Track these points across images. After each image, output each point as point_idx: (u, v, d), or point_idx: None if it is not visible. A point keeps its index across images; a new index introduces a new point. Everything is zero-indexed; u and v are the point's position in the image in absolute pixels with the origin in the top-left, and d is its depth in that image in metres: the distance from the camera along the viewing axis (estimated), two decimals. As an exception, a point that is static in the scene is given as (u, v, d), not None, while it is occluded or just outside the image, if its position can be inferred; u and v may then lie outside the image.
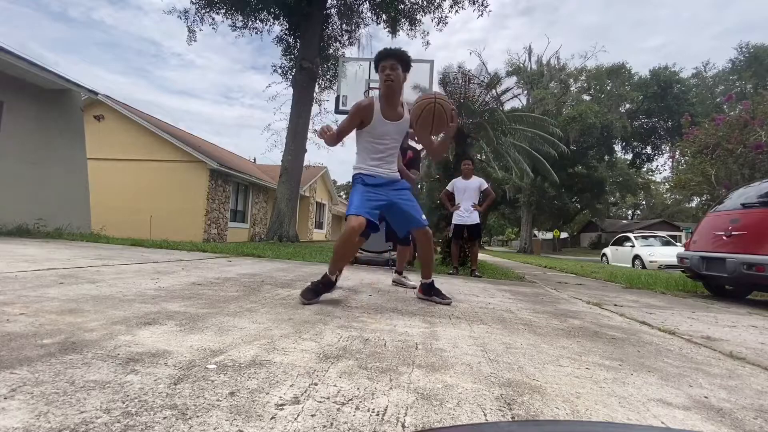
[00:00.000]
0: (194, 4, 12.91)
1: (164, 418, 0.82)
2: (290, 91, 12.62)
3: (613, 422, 0.98)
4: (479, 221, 5.55)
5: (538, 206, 29.86)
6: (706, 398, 1.24)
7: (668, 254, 10.98)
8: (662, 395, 1.23)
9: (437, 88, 9.18)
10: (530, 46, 46.14)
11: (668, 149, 29.51)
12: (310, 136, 12.77)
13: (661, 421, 1.03)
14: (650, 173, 40.36)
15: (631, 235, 13.97)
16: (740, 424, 1.05)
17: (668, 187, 34.02)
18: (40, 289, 2.16)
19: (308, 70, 11.79)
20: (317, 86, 13.47)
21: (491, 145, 10.34)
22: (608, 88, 31.84)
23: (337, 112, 7.70)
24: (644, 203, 52.88)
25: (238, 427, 0.81)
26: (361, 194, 2.48)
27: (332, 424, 0.86)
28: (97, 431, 0.75)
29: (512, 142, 11.11)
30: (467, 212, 5.47)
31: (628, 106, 32.12)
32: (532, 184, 26.56)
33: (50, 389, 0.92)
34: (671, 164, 14.57)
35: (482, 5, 13.34)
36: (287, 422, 0.85)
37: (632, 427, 0.89)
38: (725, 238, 4.13)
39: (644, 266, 11.65)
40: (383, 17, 13.72)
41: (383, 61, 2.40)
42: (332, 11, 14.06)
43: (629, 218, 53.94)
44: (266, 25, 14.01)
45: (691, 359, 1.72)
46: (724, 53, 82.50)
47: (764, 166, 8.68)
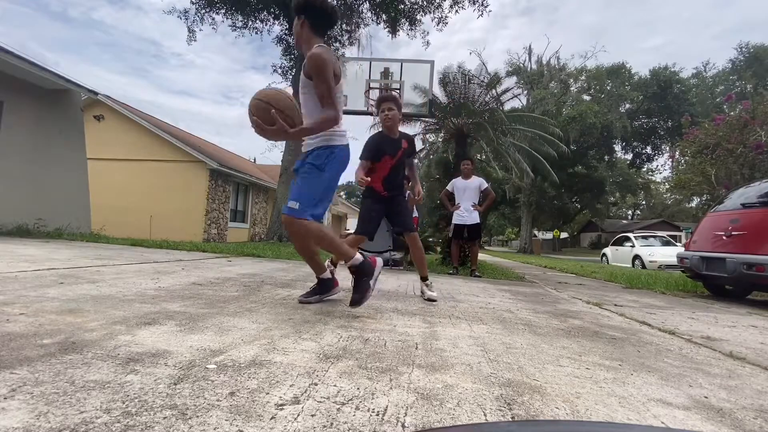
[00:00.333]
0: (194, 4, 12.89)
1: (164, 418, 0.82)
2: (290, 91, 12.58)
3: (613, 422, 0.98)
4: (479, 221, 5.55)
5: (538, 206, 29.85)
6: (706, 398, 1.24)
7: (668, 254, 10.99)
8: (662, 395, 1.23)
9: (437, 88, 9.17)
10: (530, 46, 46.16)
11: (668, 149, 29.52)
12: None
13: (661, 421, 1.03)
14: (650, 173, 40.38)
15: (631, 235, 13.97)
16: (740, 424, 1.05)
17: (668, 187, 34.01)
18: (40, 289, 2.16)
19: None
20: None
21: (491, 145, 10.33)
22: (608, 88, 31.84)
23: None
24: (644, 203, 52.86)
25: (238, 427, 0.81)
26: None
27: (332, 424, 0.86)
28: (97, 431, 0.75)
29: (512, 142, 11.10)
30: (467, 212, 5.48)
31: (628, 106, 32.12)
32: (532, 184, 26.56)
33: (50, 389, 0.92)
34: (671, 164, 14.55)
35: (482, 5, 13.33)
36: (287, 422, 0.85)
37: (632, 427, 0.89)
38: (725, 238, 4.13)
39: (644, 266, 11.65)
40: (383, 17, 13.70)
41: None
42: (332, 11, 14.03)
43: (629, 218, 53.92)
44: (266, 25, 13.99)
45: (691, 359, 1.72)
46: (724, 53, 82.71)
47: (764, 166, 8.68)
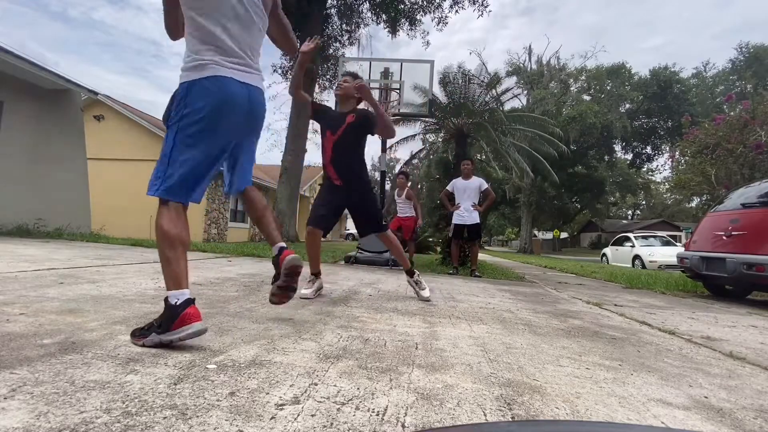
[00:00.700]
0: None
1: (164, 418, 0.82)
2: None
3: (613, 422, 0.98)
4: (479, 221, 5.55)
5: (538, 206, 29.83)
6: (706, 398, 1.24)
7: (668, 254, 10.98)
8: (662, 395, 1.23)
9: (437, 88, 9.18)
10: (530, 46, 46.07)
11: (668, 149, 29.50)
12: (310, 136, 12.76)
13: (661, 421, 1.03)
14: (650, 173, 40.33)
15: (631, 235, 13.96)
16: (740, 424, 1.05)
17: (668, 187, 34.01)
18: (40, 289, 2.16)
19: (308, 70, 11.78)
20: (317, 86, 13.46)
21: (491, 145, 10.34)
22: (608, 88, 31.82)
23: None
24: (644, 203, 52.82)
25: (238, 427, 0.81)
26: None
27: (332, 424, 0.86)
28: (97, 431, 0.75)
29: (512, 142, 11.10)
30: (467, 212, 5.47)
31: (628, 106, 32.10)
32: (532, 184, 26.53)
33: (50, 389, 0.92)
34: (671, 164, 14.54)
35: (482, 5, 13.34)
36: (287, 422, 0.85)
37: (632, 427, 0.89)
38: (725, 238, 4.13)
39: (644, 266, 11.64)
40: (383, 17, 13.71)
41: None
42: (332, 11, 14.05)
43: (629, 218, 53.90)
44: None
45: (691, 359, 1.72)
46: (724, 53, 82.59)
47: (764, 166, 8.68)
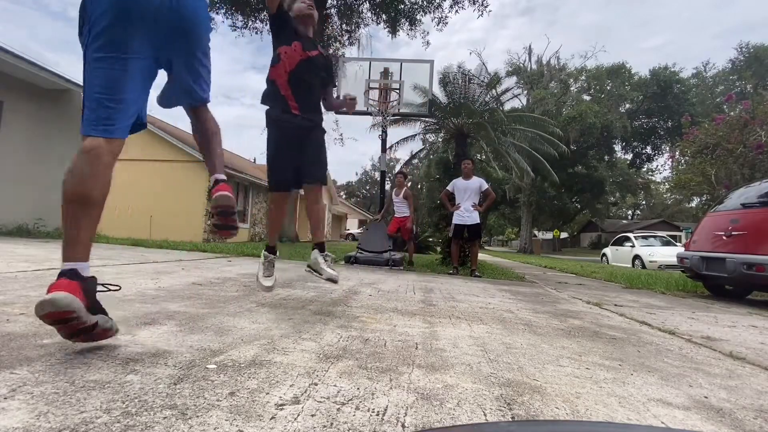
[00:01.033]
0: (194, 4, 12.89)
1: (164, 418, 0.82)
2: (290, 91, 12.59)
3: (613, 422, 0.98)
4: (479, 221, 5.56)
5: (538, 206, 29.84)
6: (706, 398, 1.24)
7: (668, 254, 10.98)
8: (662, 395, 1.23)
9: (437, 88, 9.17)
10: (530, 46, 46.00)
11: (668, 149, 29.49)
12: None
13: (661, 421, 1.03)
14: (650, 173, 40.34)
15: (631, 235, 13.96)
16: (740, 424, 1.05)
17: (668, 187, 33.99)
18: (40, 289, 2.16)
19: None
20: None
21: (491, 145, 10.34)
22: (608, 88, 31.83)
23: (337, 112, 7.68)
24: (644, 203, 52.84)
25: (238, 427, 0.81)
26: None
27: (332, 424, 0.86)
28: (97, 431, 0.75)
29: (512, 142, 11.10)
30: (467, 212, 5.48)
31: (628, 106, 32.12)
32: (532, 184, 26.54)
33: (50, 389, 0.92)
34: (671, 164, 14.54)
35: (482, 5, 13.33)
36: (287, 422, 0.85)
37: (632, 427, 0.89)
38: (725, 238, 4.13)
39: (644, 266, 11.65)
40: (383, 17, 13.71)
41: None
42: (332, 11, 14.05)
43: (629, 218, 53.91)
44: (266, 25, 14.00)
45: (691, 359, 1.72)
46: (724, 53, 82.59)
47: (764, 166, 8.68)
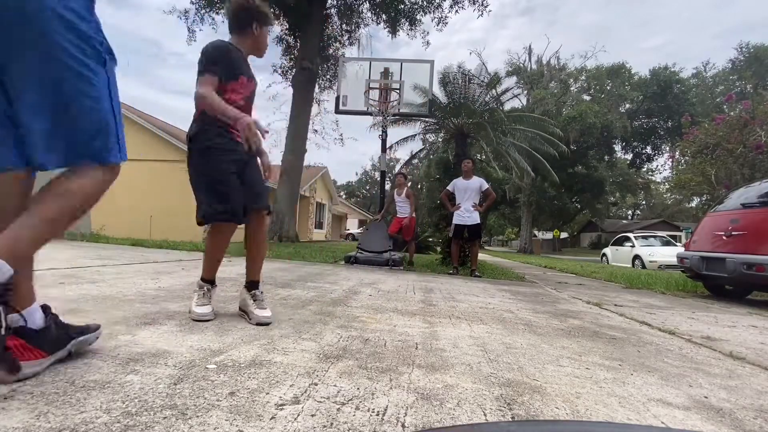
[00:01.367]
0: (194, 4, 12.90)
1: (164, 418, 0.82)
2: (290, 91, 12.61)
3: (613, 422, 0.98)
4: (479, 221, 5.55)
5: (538, 206, 29.82)
6: (706, 398, 1.24)
7: (668, 254, 10.97)
8: (662, 395, 1.23)
9: (437, 88, 9.17)
10: (530, 46, 45.86)
11: (668, 149, 29.50)
12: (310, 136, 12.75)
13: (661, 421, 1.03)
14: (650, 173, 40.32)
15: (631, 235, 13.95)
16: (740, 424, 1.05)
17: (668, 187, 34.01)
18: (40, 289, 2.14)
19: (308, 70, 11.78)
20: (317, 86, 13.44)
21: (491, 145, 10.33)
22: (608, 88, 31.80)
23: (337, 112, 7.68)
24: (644, 203, 52.81)
25: (238, 427, 0.81)
26: None
27: (332, 424, 0.86)
28: (97, 431, 0.75)
29: (512, 142, 11.09)
30: (467, 212, 5.47)
31: (628, 106, 32.09)
32: (532, 184, 26.53)
33: (50, 389, 0.92)
34: (671, 164, 14.54)
35: (482, 5, 13.32)
36: (287, 422, 0.85)
37: (632, 427, 0.89)
38: (725, 238, 4.13)
39: (644, 266, 11.64)
40: (383, 17, 13.70)
41: None
42: (332, 11, 14.04)
43: (629, 218, 53.89)
44: (266, 24, 14.00)
45: (691, 359, 1.72)
46: (724, 53, 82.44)
47: (764, 166, 8.68)
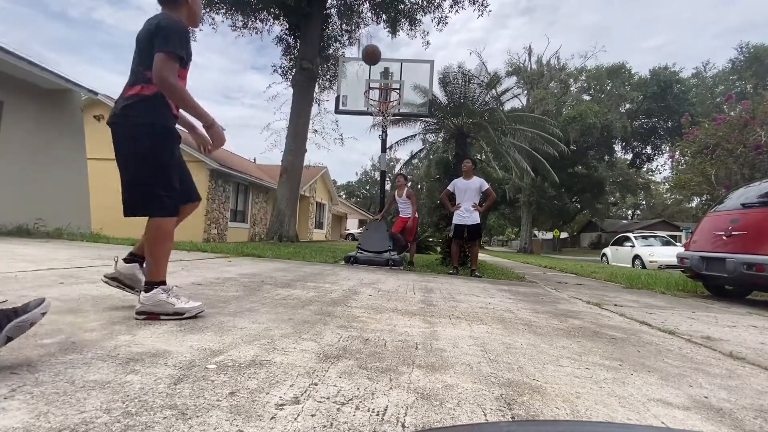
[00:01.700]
0: (194, 4, 12.90)
1: (164, 418, 0.82)
2: (290, 91, 12.61)
3: (613, 422, 0.98)
4: (479, 221, 5.56)
5: (538, 206, 29.82)
6: (706, 398, 1.24)
7: (668, 254, 10.97)
8: (662, 395, 1.23)
9: (437, 88, 9.18)
10: (530, 46, 45.89)
11: (668, 149, 29.49)
12: (310, 136, 12.76)
13: (661, 421, 1.03)
14: (650, 173, 40.33)
15: (631, 235, 13.95)
16: (740, 424, 1.05)
17: (668, 187, 34.01)
18: (40, 289, 2.16)
19: (308, 70, 11.78)
20: (317, 86, 13.44)
21: (491, 145, 10.35)
22: (608, 88, 31.81)
23: (337, 112, 7.68)
24: (644, 203, 52.82)
25: (238, 427, 0.81)
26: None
27: (332, 424, 0.86)
28: (97, 431, 0.75)
29: (512, 142, 11.11)
30: (467, 212, 5.47)
31: (628, 106, 32.10)
32: (532, 184, 26.54)
33: (50, 389, 0.92)
34: (671, 164, 14.54)
35: (482, 5, 13.32)
36: (287, 422, 0.85)
37: (632, 427, 0.89)
38: (725, 238, 4.13)
39: (644, 266, 11.64)
40: (383, 17, 13.71)
41: None
42: (332, 11, 14.05)
43: (629, 218, 53.91)
44: (266, 25, 13.99)
45: (691, 359, 1.72)
46: (724, 53, 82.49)
47: (764, 166, 8.68)
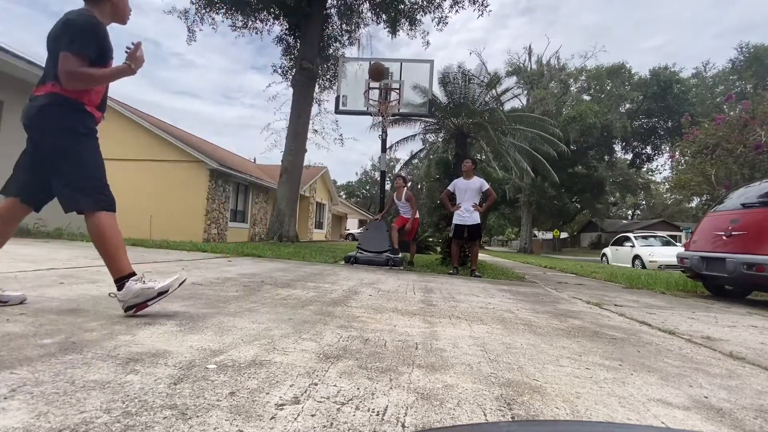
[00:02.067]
0: (194, 4, 12.89)
1: (164, 418, 0.82)
2: (290, 91, 12.62)
3: (613, 422, 0.98)
4: (480, 221, 5.56)
5: (538, 206, 29.83)
6: (706, 398, 1.24)
7: (668, 254, 10.97)
8: (662, 395, 1.23)
9: (437, 88, 9.17)
10: (530, 46, 45.83)
11: (668, 149, 29.49)
12: (310, 136, 12.76)
13: (661, 421, 1.03)
14: (650, 173, 40.34)
15: (631, 235, 13.95)
16: (740, 424, 1.05)
17: (668, 187, 34.01)
18: (40, 289, 2.16)
19: (308, 70, 11.78)
20: (317, 86, 13.45)
21: (491, 145, 10.34)
22: (608, 88, 31.81)
23: (337, 112, 7.68)
24: (644, 203, 52.85)
25: (238, 427, 0.81)
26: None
27: (332, 424, 0.86)
28: (97, 431, 0.75)
29: (512, 142, 11.11)
30: (468, 212, 5.47)
31: (628, 106, 32.10)
32: (532, 184, 26.55)
33: (50, 389, 0.92)
34: (671, 164, 14.55)
35: (482, 5, 13.32)
36: (287, 422, 0.85)
37: (632, 427, 0.89)
38: (725, 238, 4.13)
39: (644, 266, 11.64)
40: (383, 17, 13.71)
41: None
42: (332, 11, 14.05)
43: (629, 218, 53.93)
44: (266, 25, 14.00)
45: (691, 359, 1.72)
46: (724, 53, 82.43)
47: (764, 166, 8.68)
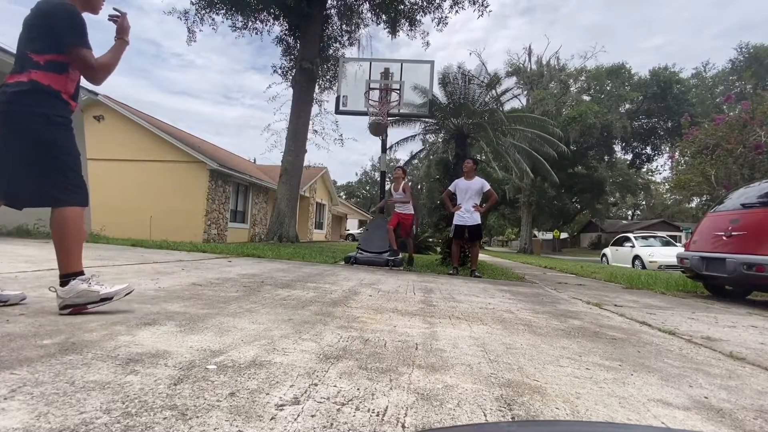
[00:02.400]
0: (194, 4, 12.89)
1: (164, 418, 0.82)
2: (290, 91, 12.62)
3: (613, 422, 0.98)
4: (480, 222, 5.56)
5: (538, 206, 29.83)
6: (706, 398, 1.24)
7: (668, 254, 10.97)
8: (662, 395, 1.23)
9: (437, 88, 9.17)
10: (530, 46, 45.70)
11: (668, 149, 29.50)
12: (310, 136, 12.77)
13: (661, 421, 1.03)
14: (650, 173, 40.36)
15: (631, 235, 13.95)
16: (740, 424, 1.05)
17: (668, 187, 34.01)
18: (40, 289, 2.16)
19: (308, 70, 11.79)
20: (317, 86, 13.45)
21: (491, 145, 10.33)
22: (608, 88, 31.81)
23: (337, 112, 7.68)
24: (644, 203, 52.87)
25: (238, 427, 0.81)
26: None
27: (332, 424, 0.86)
28: (97, 431, 0.75)
29: (512, 142, 11.10)
30: (468, 213, 5.47)
31: (628, 106, 32.10)
32: (532, 184, 26.55)
33: (50, 389, 0.92)
34: (671, 164, 14.55)
35: (482, 5, 13.33)
36: (287, 423, 0.85)
37: (632, 427, 0.89)
38: (725, 238, 4.13)
39: (644, 266, 11.64)
40: (383, 18, 13.72)
41: None
42: (332, 12, 14.06)
43: (629, 218, 53.94)
44: (266, 25, 14.00)
45: (691, 359, 1.72)
46: (724, 53, 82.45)
47: (764, 166, 8.68)
